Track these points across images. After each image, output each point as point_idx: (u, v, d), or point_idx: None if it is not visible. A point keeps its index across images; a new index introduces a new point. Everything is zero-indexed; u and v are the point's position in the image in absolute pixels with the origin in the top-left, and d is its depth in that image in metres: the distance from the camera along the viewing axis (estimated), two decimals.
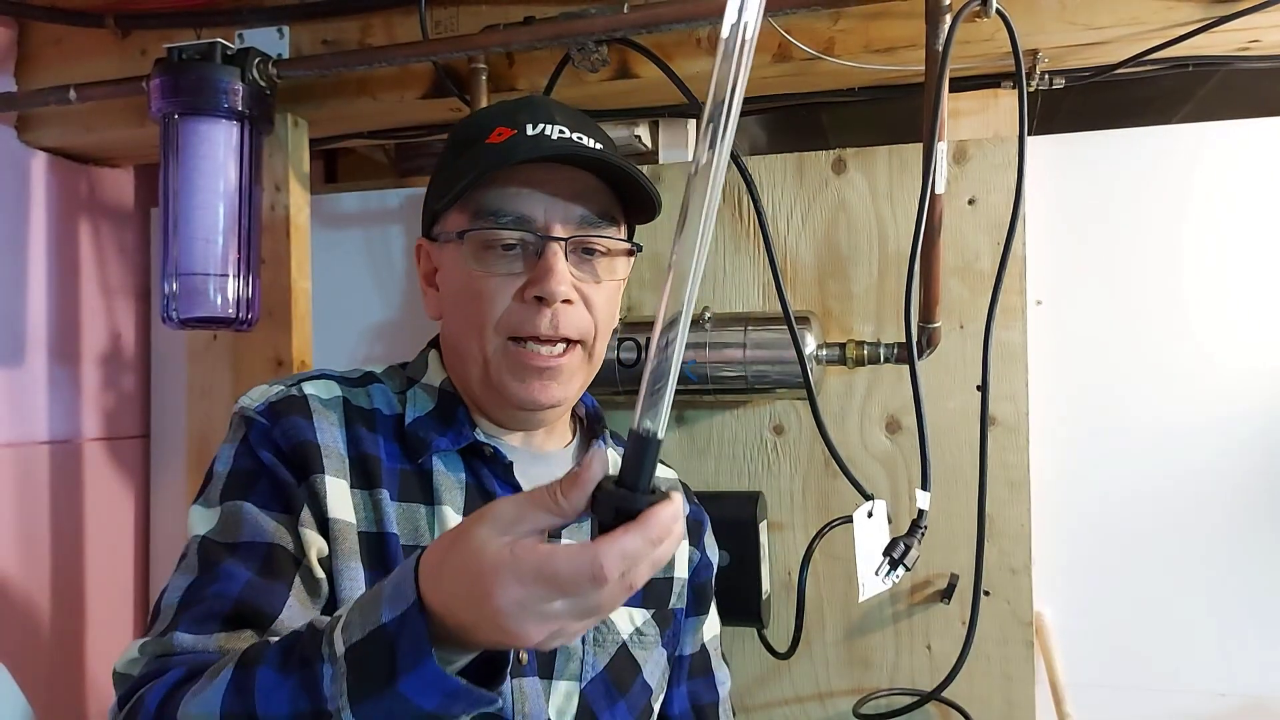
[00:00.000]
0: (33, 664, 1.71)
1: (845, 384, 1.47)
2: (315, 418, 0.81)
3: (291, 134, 1.53)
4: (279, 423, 0.80)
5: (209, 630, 0.71)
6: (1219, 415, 1.42)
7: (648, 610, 0.89)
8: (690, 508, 0.99)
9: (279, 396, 0.82)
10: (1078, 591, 1.46)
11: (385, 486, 0.80)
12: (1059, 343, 1.46)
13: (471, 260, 0.81)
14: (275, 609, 0.73)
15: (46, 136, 1.68)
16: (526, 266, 0.80)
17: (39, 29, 1.64)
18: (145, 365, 1.95)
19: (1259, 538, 1.40)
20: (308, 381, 0.85)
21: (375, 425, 0.84)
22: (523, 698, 0.79)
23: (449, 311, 0.86)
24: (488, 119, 0.85)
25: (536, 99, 0.88)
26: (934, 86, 1.18)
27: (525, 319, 0.80)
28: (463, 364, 0.85)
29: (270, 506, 0.77)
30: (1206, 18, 1.19)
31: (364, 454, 0.81)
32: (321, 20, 1.49)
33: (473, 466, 0.84)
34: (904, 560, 1.21)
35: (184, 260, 1.35)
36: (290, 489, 0.78)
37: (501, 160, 0.78)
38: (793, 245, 1.51)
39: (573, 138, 0.82)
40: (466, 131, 0.87)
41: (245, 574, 0.74)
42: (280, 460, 0.79)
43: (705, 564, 0.98)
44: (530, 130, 0.81)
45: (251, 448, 0.80)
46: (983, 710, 1.40)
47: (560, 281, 0.79)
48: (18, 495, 1.70)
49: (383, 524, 0.79)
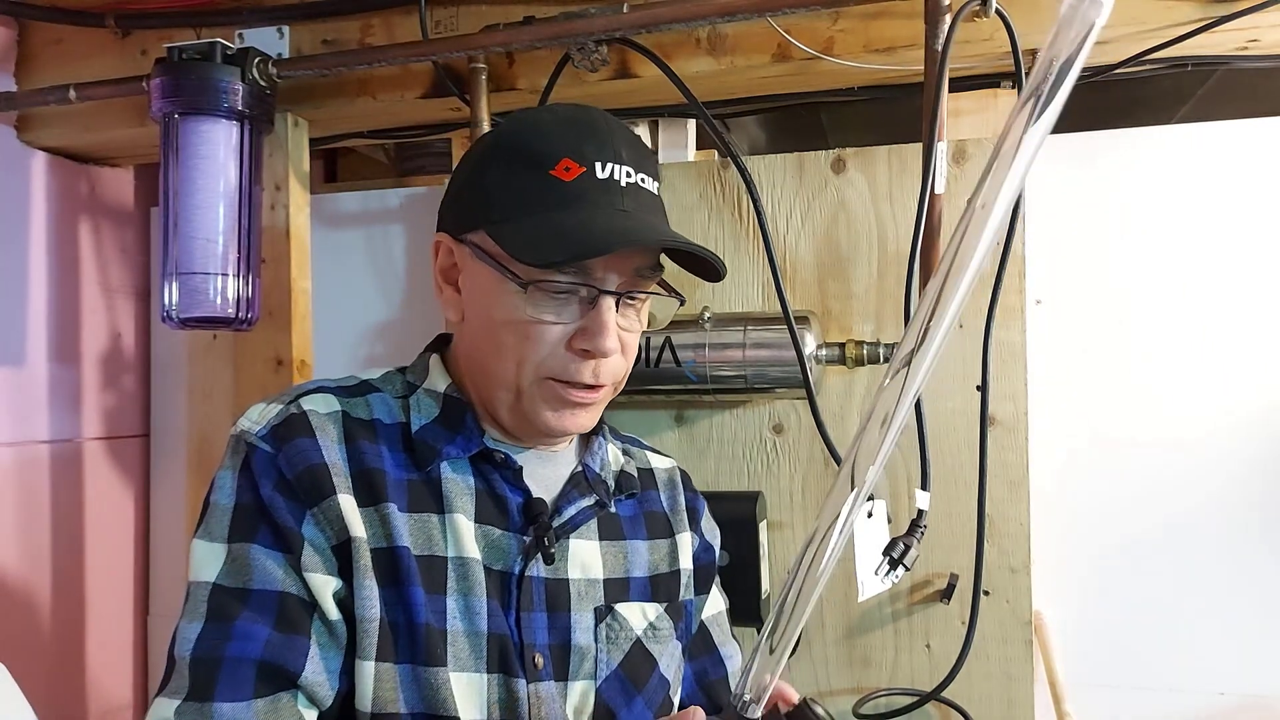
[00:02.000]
0: (33, 663, 1.71)
1: (845, 384, 1.48)
2: (318, 435, 0.79)
3: (291, 134, 1.53)
4: (284, 449, 0.78)
5: (244, 696, 0.71)
6: (1218, 415, 1.42)
7: (660, 604, 0.89)
8: (686, 494, 0.99)
9: (280, 418, 0.80)
10: (1077, 591, 1.46)
11: (392, 499, 0.79)
12: (1058, 343, 1.46)
13: (522, 301, 0.78)
14: (299, 666, 0.73)
15: (47, 136, 1.68)
16: (579, 314, 0.79)
17: (39, 29, 1.64)
18: (145, 365, 1.95)
19: (1258, 537, 1.40)
20: (305, 397, 0.82)
21: (377, 436, 0.82)
22: (539, 702, 0.79)
23: (481, 333, 0.83)
24: (549, 141, 0.80)
25: (598, 119, 0.83)
26: (934, 86, 1.18)
27: (569, 367, 0.79)
28: (489, 384, 0.83)
29: (276, 548, 0.76)
30: (1205, 17, 1.20)
31: (367, 469, 0.80)
32: (321, 20, 1.49)
33: (482, 471, 0.84)
34: (904, 560, 1.22)
35: (184, 260, 1.35)
36: (289, 529, 0.76)
37: (593, 247, 0.75)
38: (792, 245, 1.51)
39: (638, 181, 0.81)
40: (525, 148, 0.80)
41: (264, 631, 0.73)
42: (283, 492, 0.77)
43: (705, 547, 0.98)
44: (600, 172, 0.79)
45: (253, 478, 0.78)
46: (982, 710, 1.40)
47: (611, 338, 0.79)
48: (18, 494, 1.70)
49: (393, 538, 0.77)
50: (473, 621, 0.78)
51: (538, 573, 0.82)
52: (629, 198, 0.80)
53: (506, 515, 0.83)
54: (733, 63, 1.36)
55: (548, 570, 0.82)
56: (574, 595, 0.83)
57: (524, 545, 0.82)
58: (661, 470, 0.99)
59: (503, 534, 0.82)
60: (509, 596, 0.80)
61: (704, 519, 1.00)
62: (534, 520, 0.83)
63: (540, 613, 0.81)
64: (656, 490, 0.97)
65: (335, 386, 0.86)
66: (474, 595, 0.79)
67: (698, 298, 1.55)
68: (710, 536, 1.00)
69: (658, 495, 0.96)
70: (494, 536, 0.82)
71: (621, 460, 0.95)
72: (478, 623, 0.78)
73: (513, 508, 0.83)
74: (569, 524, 0.85)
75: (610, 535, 0.89)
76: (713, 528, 1.01)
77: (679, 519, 0.96)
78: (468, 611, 0.78)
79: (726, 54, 1.36)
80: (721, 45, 1.36)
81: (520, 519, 0.83)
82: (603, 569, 0.86)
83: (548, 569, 0.82)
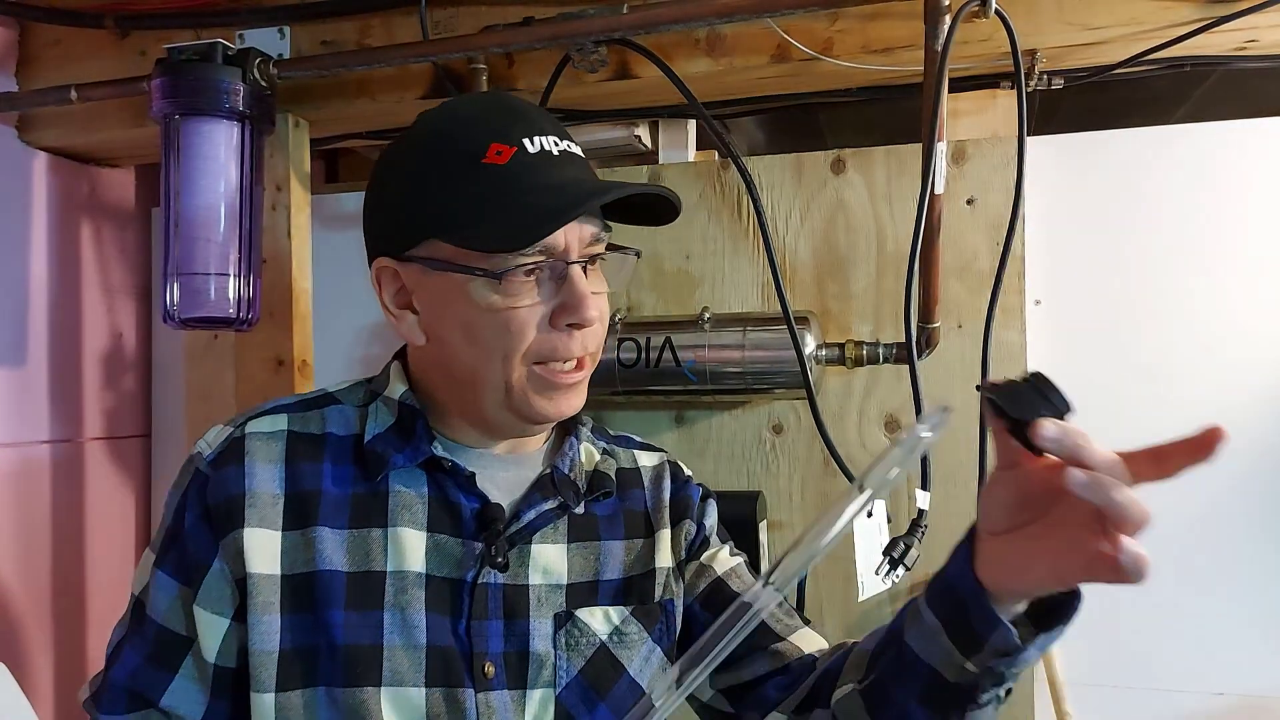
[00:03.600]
0: (33, 663, 1.71)
1: (844, 384, 1.48)
2: (249, 461, 0.80)
3: (292, 134, 1.53)
4: (215, 475, 0.80)
5: (119, 711, 0.81)
6: (1217, 414, 1.41)
7: (626, 607, 0.86)
8: (673, 486, 0.95)
9: (225, 444, 0.82)
10: None
11: (325, 522, 0.79)
12: (1058, 342, 1.47)
13: (493, 292, 0.77)
14: (156, 696, 0.80)
15: (47, 137, 1.69)
16: (550, 292, 0.79)
17: (39, 30, 1.65)
18: (146, 365, 1.95)
19: (1258, 537, 1.40)
20: (255, 419, 0.84)
21: (323, 453, 0.83)
22: (489, 712, 0.78)
23: (455, 342, 0.80)
24: (473, 129, 0.79)
25: (506, 98, 0.84)
26: (933, 87, 1.18)
27: (557, 346, 0.79)
28: (474, 390, 0.81)
29: (175, 578, 0.80)
30: (1204, 18, 1.20)
31: (302, 491, 0.81)
32: (321, 21, 1.50)
33: (435, 479, 0.83)
34: (904, 560, 1.22)
35: (185, 260, 1.35)
36: (196, 561, 0.79)
37: (567, 211, 0.75)
38: (792, 245, 1.51)
39: (565, 147, 0.81)
40: (449, 144, 0.79)
41: (135, 659, 0.81)
42: (204, 520, 0.80)
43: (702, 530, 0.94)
44: (530, 147, 0.78)
45: (185, 504, 0.82)
46: None
47: (592, 306, 0.78)
48: (19, 494, 1.70)
49: (314, 563, 0.78)
50: (410, 635, 0.78)
51: (493, 580, 0.81)
52: (565, 165, 0.79)
53: (460, 522, 0.82)
54: (732, 63, 1.36)
55: (506, 576, 0.81)
56: (533, 601, 0.82)
57: (478, 552, 0.81)
58: (648, 467, 0.95)
59: (456, 542, 0.81)
60: (460, 605, 0.80)
61: (696, 507, 0.95)
62: (487, 526, 0.82)
63: (495, 620, 0.80)
64: (641, 489, 0.93)
65: (292, 402, 0.86)
66: (412, 609, 0.78)
67: (698, 298, 1.55)
68: (709, 521, 0.96)
69: (641, 494, 0.93)
70: (447, 545, 0.81)
71: (596, 459, 0.92)
72: (416, 636, 0.78)
73: (466, 514, 0.82)
74: (527, 528, 0.83)
75: (582, 537, 0.87)
76: (712, 512, 0.97)
77: (660, 516, 0.92)
78: (405, 625, 0.78)
79: (725, 55, 1.36)
80: (720, 46, 1.36)
81: (474, 525, 0.82)
82: (568, 573, 0.85)
83: (506, 575, 0.81)
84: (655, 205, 0.82)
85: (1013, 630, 0.66)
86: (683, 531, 0.92)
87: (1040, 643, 0.67)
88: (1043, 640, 0.67)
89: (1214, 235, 1.42)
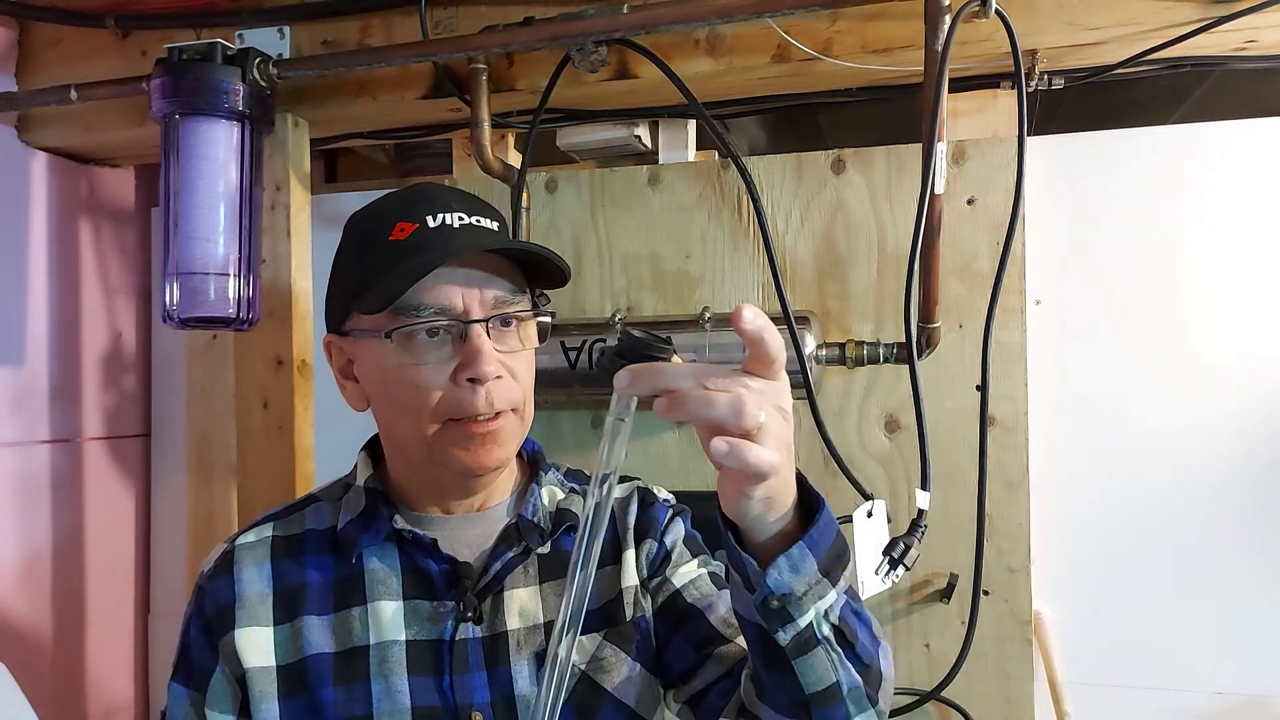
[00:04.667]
0: (34, 663, 1.71)
1: (844, 384, 1.48)
2: (238, 569, 0.89)
3: (292, 134, 1.53)
4: (209, 588, 0.88)
5: None
6: (1217, 414, 1.42)
7: (599, 633, 0.89)
8: (639, 510, 0.96)
9: (218, 559, 0.90)
10: (1076, 590, 1.47)
11: (310, 611, 0.87)
12: (1058, 343, 1.47)
13: (400, 353, 0.84)
14: None
15: (47, 137, 1.69)
16: (454, 351, 0.84)
17: (39, 29, 1.65)
18: (146, 365, 1.95)
19: (1257, 537, 1.40)
20: (243, 534, 0.92)
21: (304, 549, 0.90)
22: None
23: (380, 403, 0.89)
24: (385, 215, 0.87)
25: (427, 189, 0.91)
26: (933, 87, 1.18)
27: (462, 401, 0.83)
28: (404, 450, 0.89)
29: (188, 685, 0.87)
30: (1204, 18, 1.20)
31: (288, 586, 0.88)
32: (321, 21, 1.50)
33: (405, 551, 0.89)
34: (903, 560, 1.22)
35: (184, 260, 1.35)
36: (202, 668, 0.86)
37: (428, 264, 0.81)
38: (792, 245, 1.51)
39: (471, 221, 0.86)
40: (364, 230, 0.89)
41: None
42: (206, 630, 0.87)
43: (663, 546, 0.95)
44: (432, 222, 0.85)
45: (190, 619, 0.89)
46: (982, 709, 1.40)
47: (489, 362, 0.83)
48: (19, 494, 1.70)
49: (303, 649, 0.85)
50: (395, 700, 0.83)
51: (471, 634, 0.85)
52: (464, 235, 0.86)
53: (432, 586, 0.87)
54: (732, 63, 1.36)
55: (484, 628, 0.86)
56: (513, 646, 0.86)
57: (452, 611, 0.86)
58: (618, 499, 0.97)
59: (431, 605, 0.86)
60: (441, 663, 0.85)
61: (664, 526, 0.96)
62: (457, 585, 0.87)
63: (479, 672, 0.85)
64: (612, 521, 0.95)
65: (278, 511, 0.95)
66: (394, 676, 0.84)
67: (698, 298, 1.55)
68: (671, 537, 0.96)
69: (611, 525, 0.95)
70: (423, 609, 0.86)
71: (559, 498, 0.95)
72: (400, 700, 0.83)
73: (436, 578, 0.87)
74: (495, 579, 0.87)
75: (552, 575, 0.90)
76: (677, 527, 0.97)
77: (625, 538, 0.94)
78: (390, 692, 0.83)
79: (725, 55, 1.36)
80: (720, 46, 1.36)
81: (445, 586, 0.87)
82: (542, 612, 0.88)
83: (482, 628, 0.86)
84: (550, 268, 0.88)
85: (740, 553, 0.67)
86: (645, 550, 0.95)
87: (780, 565, 0.66)
88: (783, 563, 0.66)
89: (1214, 235, 1.42)
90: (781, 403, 0.64)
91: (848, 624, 0.71)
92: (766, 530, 0.67)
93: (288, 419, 1.50)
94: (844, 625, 0.71)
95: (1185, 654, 1.42)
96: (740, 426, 0.61)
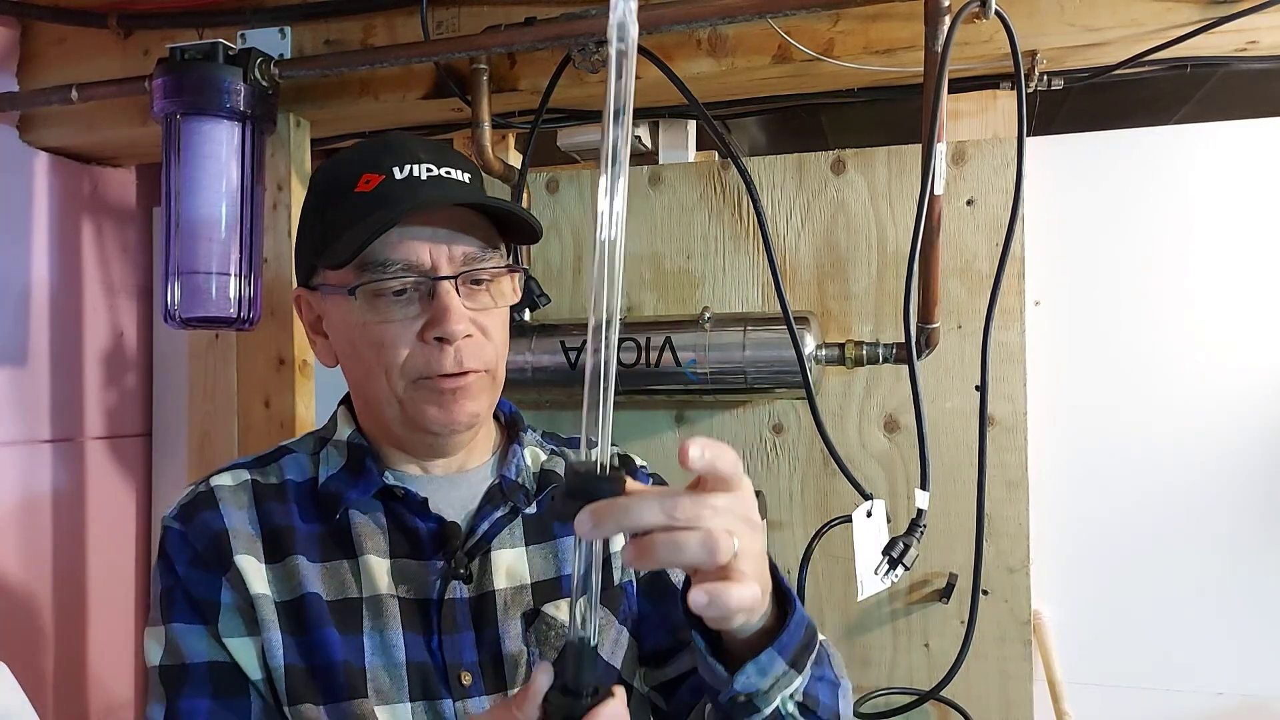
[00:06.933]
0: (34, 663, 1.72)
1: (844, 384, 1.48)
2: (222, 506, 0.84)
3: (294, 134, 1.54)
4: (190, 524, 0.84)
5: None
6: (1217, 415, 1.42)
7: None
8: None
9: (188, 498, 0.86)
10: (1075, 590, 1.47)
11: (301, 552, 0.83)
12: (1057, 343, 1.47)
13: (366, 311, 0.82)
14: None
15: (49, 136, 1.69)
16: (422, 309, 0.82)
17: (41, 29, 1.65)
18: (147, 364, 1.95)
19: (1257, 537, 1.41)
20: (216, 475, 0.88)
21: (286, 496, 0.87)
22: (469, 718, 0.81)
23: (349, 360, 0.87)
24: (351, 165, 0.85)
25: (395, 139, 0.88)
26: (933, 88, 1.18)
27: (430, 360, 0.81)
28: (374, 407, 0.86)
29: (194, 621, 0.81)
30: (1205, 19, 1.20)
31: (276, 526, 0.84)
32: (323, 20, 1.50)
33: (391, 508, 0.86)
34: (903, 559, 1.22)
35: (186, 260, 1.36)
36: (204, 600, 0.81)
37: (389, 219, 0.79)
38: (792, 245, 1.51)
39: (441, 174, 0.84)
40: (330, 180, 0.86)
41: (204, 704, 0.79)
42: (197, 566, 0.82)
43: None
44: (399, 174, 0.82)
45: (170, 560, 0.83)
46: (981, 709, 1.40)
47: (458, 320, 0.80)
48: (20, 493, 1.70)
49: (300, 587, 0.81)
50: (390, 655, 0.81)
51: (459, 594, 0.84)
52: (431, 188, 0.83)
53: (420, 545, 0.85)
54: (733, 64, 1.36)
55: (472, 588, 0.84)
56: (500, 606, 0.85)
57: (440, 571, 0.84)
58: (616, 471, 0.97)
59: (419, 564, 0.84)
60: (430, 622, 0.83)
61: None
62: (444, 545, 0.85)
63: (466, 632, 0.83)
64: None
65: (249, 460, 0.91)
66: (389, 630, 0.82)
67: (698, 298, 1.55)
68: None
69: None
70: (410, 569, 0.84)
71: (543, 459, 0.94)
72: (395, 654, 0.81)
73: (424, 537, 0.85)
74: (483, 539, 0.86)
75: (538, 538, 0.89)
76: None
77: None
78: (384, 646, 0.81)
79: (727, 55, 1.36)
80: (722, 46, 1.36)
81: (433, 546, 0.85)
82: (529, 573, 0.87)
83: (470, 587, 0.84)
84: (522, 226, 0.86)
85: (709, 660, 0.68)
86: None
87: (749, 671, 0.67)
88: (751, 669, 0.67)
89: (1214, 236, 1.42)
90: (748, 513, 0.63)
91: (811, 695, 0.73)
92: (744, 633, 0.68)
93: (289, 418, 1.51)
94: (808, 698, 0.72)
95: (1185, 654, 1.42)
96: (715, 564, 0.59)
